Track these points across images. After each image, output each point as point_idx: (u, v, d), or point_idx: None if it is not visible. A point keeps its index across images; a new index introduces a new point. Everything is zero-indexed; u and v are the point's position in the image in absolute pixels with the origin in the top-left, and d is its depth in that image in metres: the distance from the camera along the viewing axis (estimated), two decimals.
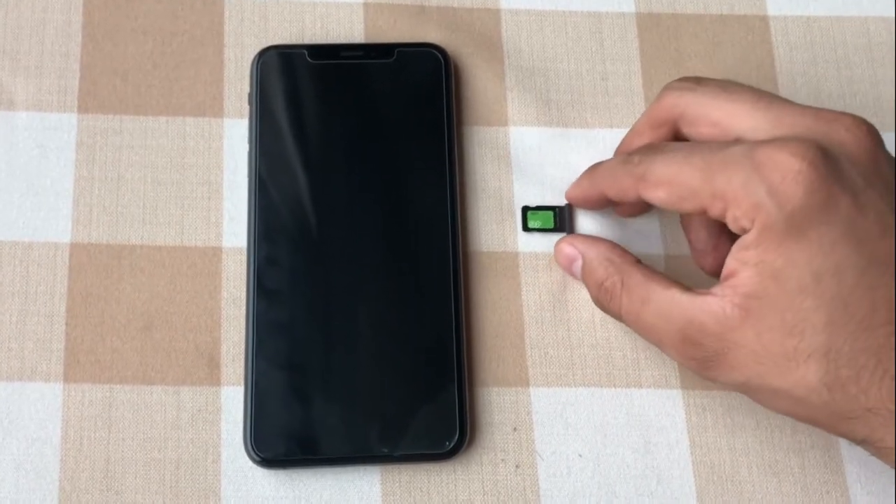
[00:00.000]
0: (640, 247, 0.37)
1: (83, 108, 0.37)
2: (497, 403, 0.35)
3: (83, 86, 0.37)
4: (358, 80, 0.37)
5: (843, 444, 0.35)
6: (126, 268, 0.36)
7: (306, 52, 0.37)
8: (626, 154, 0.32)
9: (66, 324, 0.35)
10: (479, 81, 0.39)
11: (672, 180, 0.30)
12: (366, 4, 0.39)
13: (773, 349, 0.28)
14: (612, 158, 0.34)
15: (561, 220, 0.37)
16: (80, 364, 0.34)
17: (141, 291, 0.35)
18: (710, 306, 0.29)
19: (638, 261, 0.33)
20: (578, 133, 0.38)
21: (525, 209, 0.37)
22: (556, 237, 0.36)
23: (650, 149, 0.32)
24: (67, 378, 0.34)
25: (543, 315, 0.36)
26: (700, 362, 0.30)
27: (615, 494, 0.34)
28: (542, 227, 0.36)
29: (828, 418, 0.29)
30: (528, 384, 0.35)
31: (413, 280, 0.35)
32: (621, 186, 0.32)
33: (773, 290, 0.28)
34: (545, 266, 0.37)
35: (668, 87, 0.33)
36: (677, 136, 0.33)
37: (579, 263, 0.34)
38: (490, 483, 0.34)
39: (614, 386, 0.35)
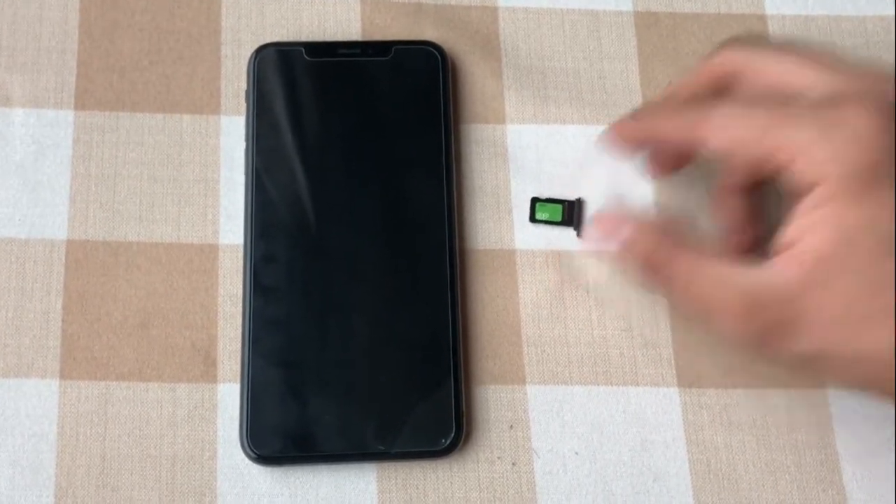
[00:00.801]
0: None
1: (80, 105, 0.37)
2: (493, 401, 0.35)
3: (80, 83, 0.37)
4: (355, 77, 0.37)
5: (839, 442, 0.35)
6: (122, 265, 0.36)
7: (303, 50, 0.37)
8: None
9: (63, 321, 0.35)
10: (476, 79, 0.39)
11: (739, 122, 0.28)
12: (363, 2, 0.39)
13: (856, 310, 0.27)
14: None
15: (570, 214, 0.37)
16: (76, 361, 0.34)
17: (137, 288, 0.35)
18: (778, 274, 0.28)
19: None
20: (576, 130, 0.38)
21: (534, 200, 0.37)
22: (558, 232, 0.36)
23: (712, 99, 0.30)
24: (64, 375, 0.34)
25: (540, 312, 0.36)
26: (763, 333, 0.28)
27: (611, 492, 0.34)
28: (549, 220, 0.36)
29: None
30: (524, 382, 0.35)
31: (410, 277, 0.35)
32: (676, 126, 0.30)
33: (852, 248, 0.27)
34: (542, 263, 0.37)
35: (725, 45, 0.32)
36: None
37: (625, 233, 0.31)
38: (486, 480, 0.34)
39: (611, 384, 0.35)
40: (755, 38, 0.32)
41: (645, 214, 0.33)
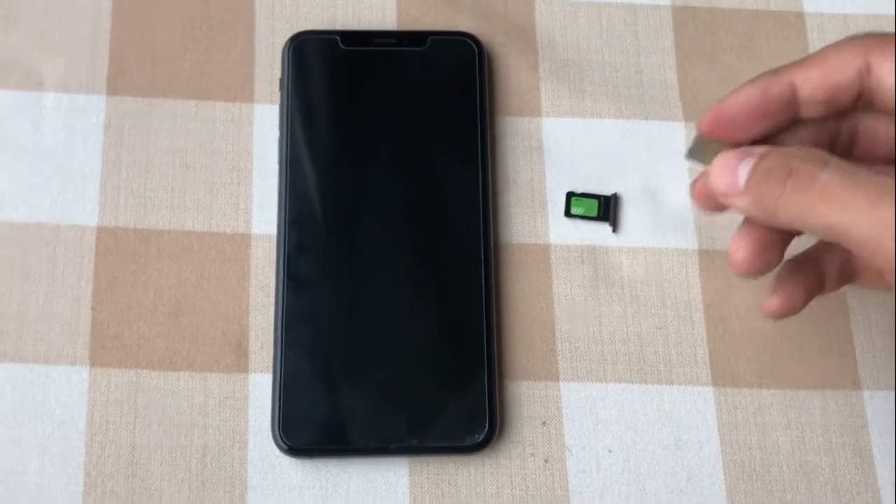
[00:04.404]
0: (673, 241, 0.36)
1: (112, 91, 0.37)
2: (526, 397, 0.34)
3: (112, 68, 0.37)
4: (390, 67, 0.37)
5: (874, 444, 0.34)
6: (153, 253, 0.35)
7: (339, 39, 0.37)
8: None
9: (93, 308, 0.34)
10: (512, 71, 0.38)
11: (845, 45, 0.26)
12: None
13: None
14: None
15: (605, 209, 0.36)
16: (105, 348, 0.34)
17: (168, 277, 0.35)
18: None
19: None
20: (612, 125, 0.38)
21: (570, 195, 0.36)
22: (594, 227, 0.36)
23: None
24: (93, 362, 0.34)
25: (574, 309, 0.36)
26: None
27: (644, 491, 0.34)
28: (585, 215, 0.36)
29: None
30: (558, 378, 0.35)
31: (444, 271, 0.35)
32: (833, 63, 0.26)
33: None
34: (577, 259, 0.36)
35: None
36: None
37: (750, 163, 0.27)
38: (518, 477, 0.34)
39: (645, 382, 0.35)
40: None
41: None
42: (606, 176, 0.37)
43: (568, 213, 0.36)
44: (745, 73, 0.36)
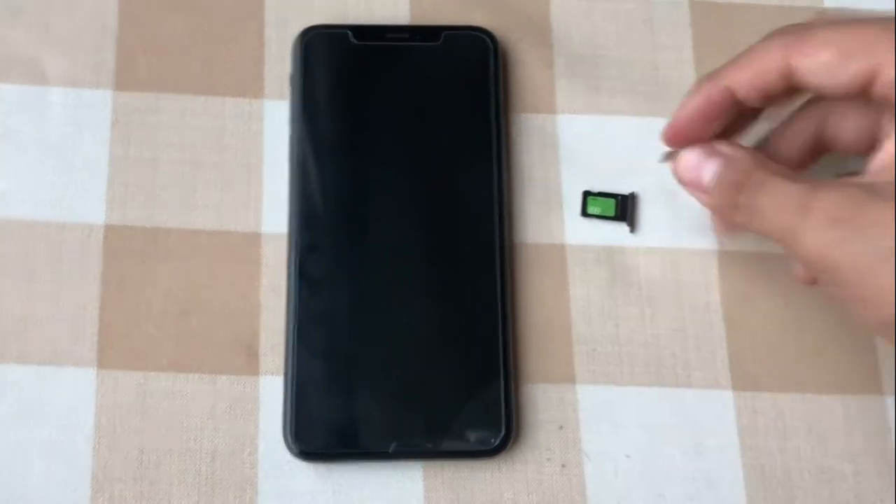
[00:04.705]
0: (692, 242, 0.36)
1: (119, 85, 0.36)
2: (542, 400, 0.34)
3: (119, 62, 0.36)
4: (403, 63, 0.36)
5: None
6: (162, 252, 0.35)
7: (350, 33, 0.36)
8: None
9: (100, 308, 0.34)
10: (527, 67, 0.37)
11: (842, 37, 0.26)
12: None
13: None
14: None
15: (622, 209, 0.35)
16: (113, 350, 0.33)
17: (177, 277, 0.34)
18: (855, 179, 0.26)
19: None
20: (629, 122, 0.37)
21: (586, 193, 0.36)
22: (611, 227, 0.35)
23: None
24: (101, 364, 0.33)
25: (591, 310, 0.35)
26: (834, 215, 0.26)
27: (663, 497, 0.33)
28: (601, 214, 0.35)
29: None
30: (574, 381, 0.34)
31: (458, 271, 0.34)
32: (760, 64, 0.28)
33: None
34: (594, 259, 0.35)
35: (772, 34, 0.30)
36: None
37: (712, 169, 0.29)
38: (535, 482, 0.33)
39: (664, 385, 0.34)
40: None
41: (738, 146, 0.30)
42: (623, 174, 0.36)
43: (584, 213, 0.36)
44: None
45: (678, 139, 0.31)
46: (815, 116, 0.31)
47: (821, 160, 0.32)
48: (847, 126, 0.31)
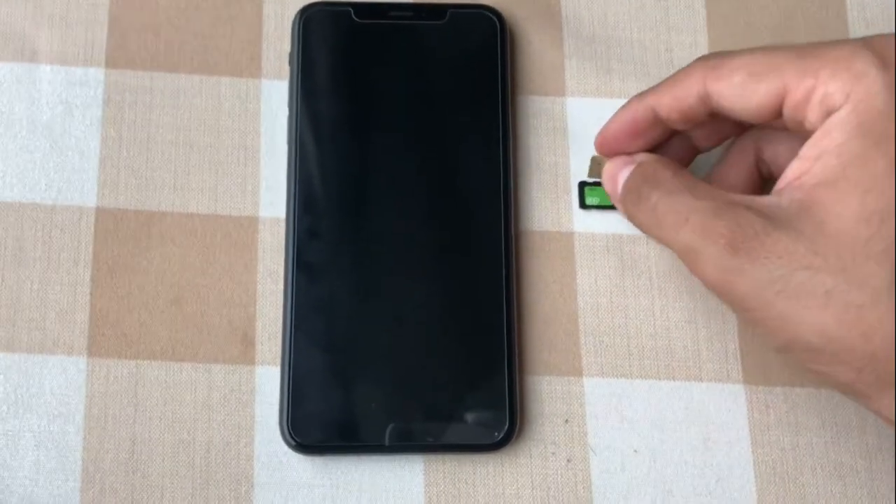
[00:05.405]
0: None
1: (111, 63, 0.35)
2: (548, 393, 0.33)
3: (112, 39, 0.35)
4: (407, 42, 0.35)
5: None
6: (155, 236, 0.33)
7: (352, 11, 0.35)
8: None
9: (91, 294, 0.33)
10: (535, 48, 0.36)
11: (753, 61, 0.27)
12: None
13: (838, 238, 0.25)
14: None
15: None
16: (105, 337, 0.32)
17: (171, 262, 0.33)
18: (759, 198, 0.27)
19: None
20: None
21: (582, 184, 0.34)
22: (615, 216, 0.34)
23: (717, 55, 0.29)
24: (92, 352, 0.32)
25: (599, 301, 0.34)
26: (731, 242, 0.26)
27: (671, 493, 0.32)
28: (601, 205, 0.34)
29: (883, 346, 0.25)
30: (581, 374, 0.33)
31: (462, 259, 0.33)
32: (681, 87, 0.29)
33: (856, 170, 0.25)
34: (602, 248, 0.34)
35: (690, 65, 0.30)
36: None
37: (624, 174, 0.31)
38: (539, 477, 0.32)
39: (673, 378, 0.33)
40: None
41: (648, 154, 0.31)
42: None
43: (583, 205, 0.34)
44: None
45: (606, 149, 0.32)
46: (751, 146, 0.32)
47: None
48: (780, 151, 0.31)
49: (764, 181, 0.33)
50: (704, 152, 0.33)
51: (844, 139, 0.26)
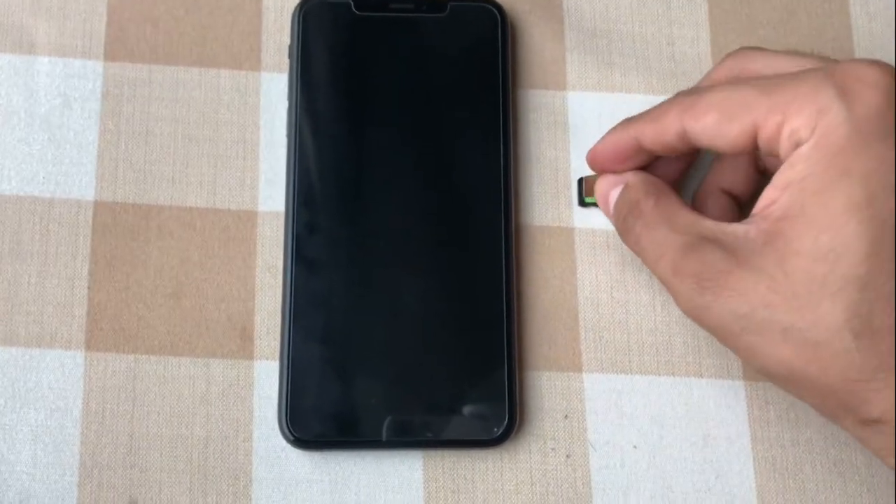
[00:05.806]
0: None
1: (110, 56, 0.35)
2: (548, 389, 0.33)
3: (110, 31, 0.35)
4: (407, 35, 0.35)
5: None
6: (154, 230, 0.33)
7: (352, 3, 0.35)
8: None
9: (89, 288, 0.32)
10: (536, 42, 0.36)
11: (725, 100, 0.28)
12: None
13: (796, 276, 0.26)
14: None
15: None
16: (102, 331, 0.32)
17: (169, 256, 0.33)
18: (730, 227, 0.28)
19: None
20: (642, 100, 0.35)
21: (581, 181, 0.34)
22: None
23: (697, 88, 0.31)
24: (89, 346, 0.32)
25: (600, 296, 0.34)
26: (698, 281, 0.27)
27: (671, 489, 0.32)
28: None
29: (839, 379, 0.26)
30: (581, 369, 0.33)
31: (461, 254, 0.33)
32: (661, 124, 0.30)
33: (814, 206, 0.26)
34: (603, 243, 0.34)
35: (729, 54, 0.32)
36: None
37: (615, 194, 0.32)
38: (539, 473, 0.32)
39: (673, 374, 0.33)
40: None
41: (637, 172, 0.32)
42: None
43: (582, 203, 0.34)
44: (782, 48, 0.34)
45: (597, 169, 0.33)
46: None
47: None
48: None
49: (761, 175, 0.33)
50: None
51: (806, 174, 0.26)
